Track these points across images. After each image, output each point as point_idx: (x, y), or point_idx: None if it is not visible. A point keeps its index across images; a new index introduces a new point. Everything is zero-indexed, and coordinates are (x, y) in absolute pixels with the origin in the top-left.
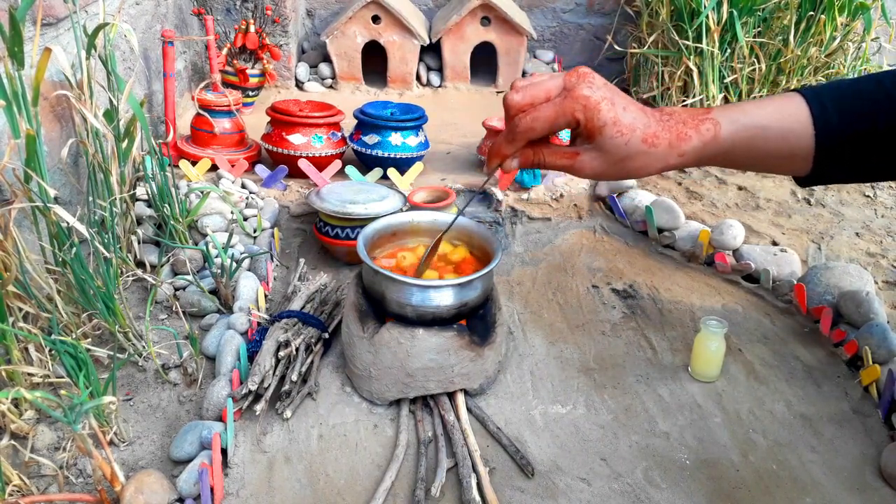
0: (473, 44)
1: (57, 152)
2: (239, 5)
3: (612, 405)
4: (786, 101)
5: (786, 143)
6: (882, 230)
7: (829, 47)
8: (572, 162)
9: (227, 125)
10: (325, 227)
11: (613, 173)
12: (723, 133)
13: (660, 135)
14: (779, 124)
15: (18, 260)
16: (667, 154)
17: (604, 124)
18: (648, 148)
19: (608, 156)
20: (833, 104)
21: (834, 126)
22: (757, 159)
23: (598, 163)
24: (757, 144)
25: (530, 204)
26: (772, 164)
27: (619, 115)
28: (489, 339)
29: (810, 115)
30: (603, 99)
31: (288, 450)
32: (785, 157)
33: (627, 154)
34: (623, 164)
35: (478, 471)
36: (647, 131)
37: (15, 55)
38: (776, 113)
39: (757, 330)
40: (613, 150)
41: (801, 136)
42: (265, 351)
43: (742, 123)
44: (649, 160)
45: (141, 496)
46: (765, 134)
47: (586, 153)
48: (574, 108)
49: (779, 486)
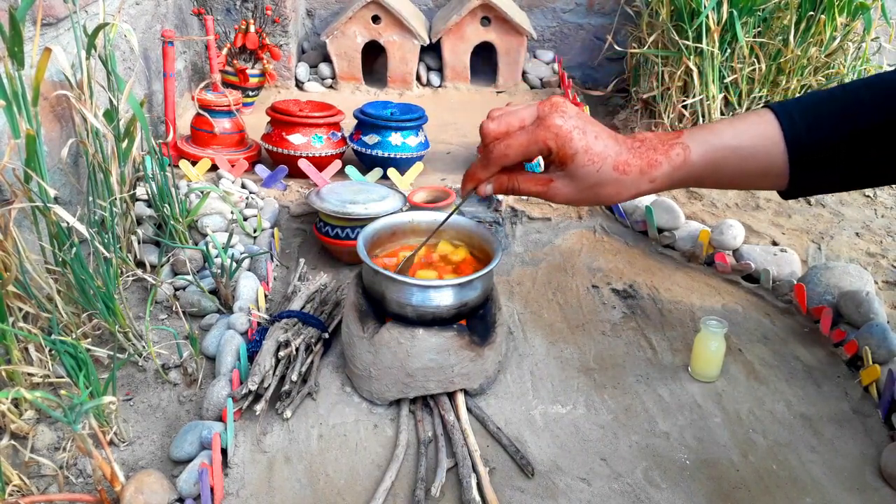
0: (473, 44)
1: (57, 152)
2: (239, 5)
3: (612, 405)
4: (756, 119)
5: (756, 161)
6: (882, 230)
7: (829, 47)
8: (545, 188)
9: (227, 125)
10: (325, 227)
11: (585, 199)
12: (692, 157)
13: (631, 162)
14: (749, 143)
15: (18, 260)
16: (638, 181)
17: (575, 152)
18: (620, 175)
19: (580, 183)
20: (802, 117)
21: (804, 139)
22: (730, 179)
23: (571, 189)
24: (728, 164)
25: (530, 204)
26: (747, 182)
27: (590, 143)
28: (489, 339)
29: (780, 131)
30: (574, 128)
31: (288, 450)
32: (759, 175)
33: (599, 181)
34: (595, 191)
35: (478, 471)
36: (619, 159)
37: (15, 55)
38: (746, 132)
39: (757, 330)
40: (585, 177)
41: (772, 152)
42: (265, 351)
43: (711, 144)
44: (620, 187)
45: (141, 496)
46: (735, 154)
47: (559, 180)
48: (546, 137)
49: (779, 486)
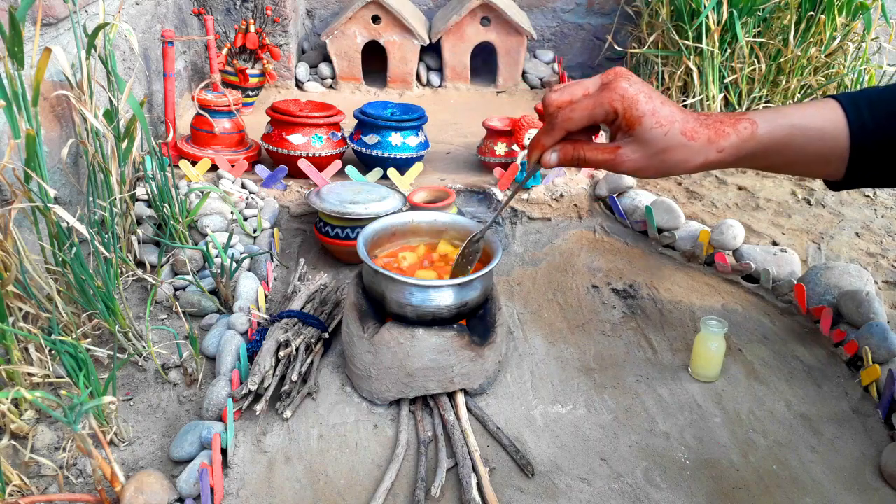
0: (473, 44)
1: (57, 152)
2: (239, 5)
3: (612, 405)
4: (821, 105)
5: (822, 143)
6: (882, 230)
7: (829, 47)
8: (613, 156)
9: (227, 125)
10: (325, 227)
11: (654, 167)
12: (760, 131)
13: (698, 129)
14: (815, 124)
15: (18, 260)
16: (706, 149)
17: (643, 114)
18: (688, 140)
19: (648, 147)
20: (868, 108)
21: (869, 129)
22: (793, 159)
23: (639, 155)
24: (794, 143)
25: (530, 204)
26: (807, 166)
27: (657, 107)
28: (489, 339)
29: (845, 118)
30: (640, 92)
31: (288, 450)
32: (821, 158)
33: (667, 145)
34: (663, 157)
35: (478, 471)
36: (686, 125)
37: (15, 55)
38: (812, 114)
39: (757, 330)
40: (653, 140)
41: (837, 137)
42: (265, 351)
43: (779, 123)
44: (689, 153)
45: (141, 496)
46: (802, 134)
47: (626, 146)
48: (612, 99)
49: (779, 486)
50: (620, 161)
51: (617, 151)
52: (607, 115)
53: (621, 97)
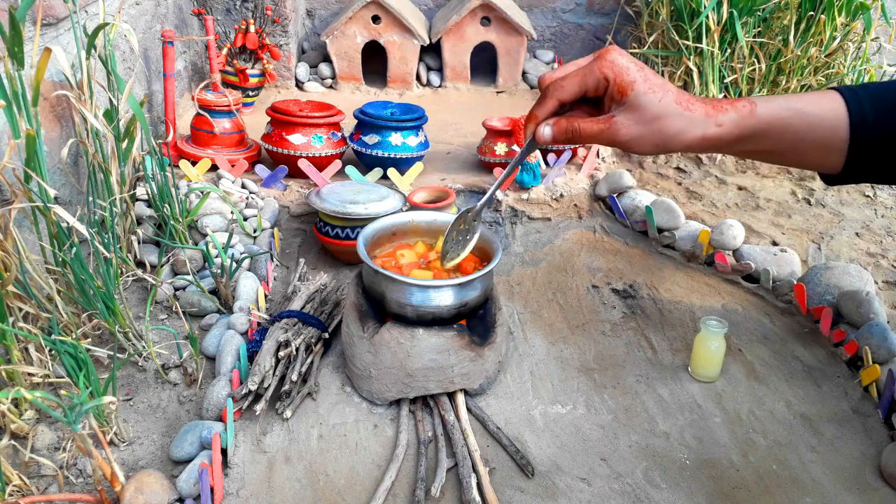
0: (473, 44)
1: (57, 152)
2: (239, 5)
3: (612, 405)
4: (823, 94)
5: (821, 130)
6: (882, 230)
7: (829, 47)
8: (607, 125)
9: (227, 125)
10: (325, 227)
11: (650, 137)
12: (759, 110)
13: (694, 102)
14: (815, 111)
15: (18, 260)
16: (704, 121)
17: (634, 80)
18: (683, 110)
19: (642, 113)
20: (869, 101)
21: (869, 121)
22: (792, 144)
23: (633, 124)
24: (793, 126)
25: (530, 204)
26: (806, 154)
27: (648, 75)
28: (489, 339)
29: (846, 108)
30: (631, 62)
31: (288, 450)
32: (820, 146)
33: (662, 112)
34: (659, 125)
35: (478, 471)
36: (681, 96)
37: (15, 55)
38: (813, 101)
39: (757, 330)
40: (647, 106)
41: (837, 126)
42: (265, 351)
43: (779, 104)
44: (686, 124)
45: (141, 496)
46: (801, 118)
47: (620, 115)
48: (602, 66)
49: (779, 486)
50: (615, 130)
51: (611, 120)
52: (598, 83)
53: (611, 64)
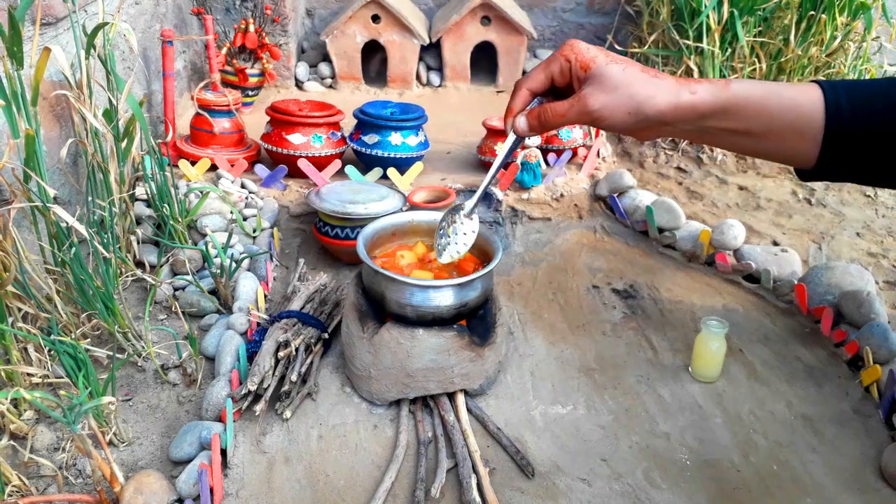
0: (473, 43)
1: (56, 152)
2: (238, 5)
3: (613, 406)
4: (801, 85)
5: (795, 114)
6: (883, 230)
7: (830, 47)
8: (577, 100)
9: (227, 125)
10: (324, 227)
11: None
12: (734, 85)
13: (661, 73)
14: (790, 95)
15: (18, 260)
16: (677, 88)
17: (595, 56)
18: (651, 77)
19: (609, 81)
20: (846, 95)
21: (845, 113)
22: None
23: (601, 93)
24: (769, 106)
25: (530, 204)
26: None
27: (611, 53)
28: (489, 340)
29: (823, 98)
30: (591, 45)
31: (287, 450)
32: (795, 132)
33: (627, 79)
34: (627, 91)
35: (478, 471)
36: (647, 69)
37: (14, 55)
38: (789, 87)
39: (758, 330)
40: (612, 75)
41: (812, 113)
42: (265, 351)
43: (753, 84)
44: (656, 89)
45: (140, 497)
46: (777, 99)
47: (587, 87)
48: (563, 51)
49: (779, 486)
50: (585, 102)
51: (580, 94)
52: (562, 66)
53: (571, 47)
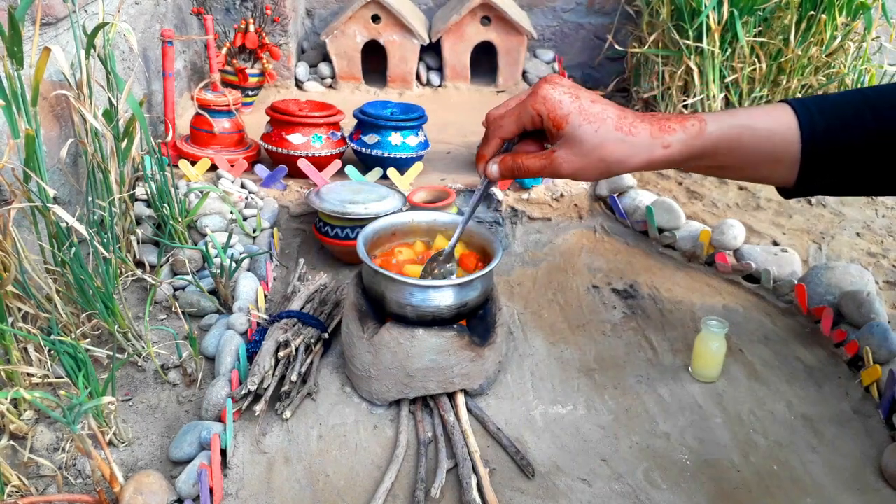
0: (473, 43)
1: (56, 152)
2: (238, 5)
3: (613, 406)
4: (773, 108)
5: (771, 144)
6: (883, 230)
7: (830, 47)
8: (549, 160)
9: (227, 125)
10: (324, 227)
11: (593, 167)
12: (708, 128)
13: (637, 125)
14: (765, 125)
15: (17, 260)
16: (650, 144)
17: (568, 113)
18: (626, 135)
19: (581, 146)
20: (819, 113)
21: (820, 133)
22: (743, 160)
23: (573, 156)
24: (743, 142)
25: (530, 204)
26: (758, 168)
27: (584, 105)
28: (489, 340)
29: (797, 120)
30: (566, 94)
31: (287, 450)
32: (771, 160)
33: (601, 142)
34: (600, 154)
35: (478, 472)
36: (621, 122)
37: (14, 55)
38: (763, 116)
39: (758, 330)
40: (584, 138)
41: (788, 139)
42: (264, 351)
43: (728, 122)
44: (629, 149)
45: (140, 497)
46: (751, 133)
47: (560, 149)
48: (535, 102)
49: (779, 486)
50: (557, 164)
51: (552, 156)
52: (533, 119)
53: (543, 99)
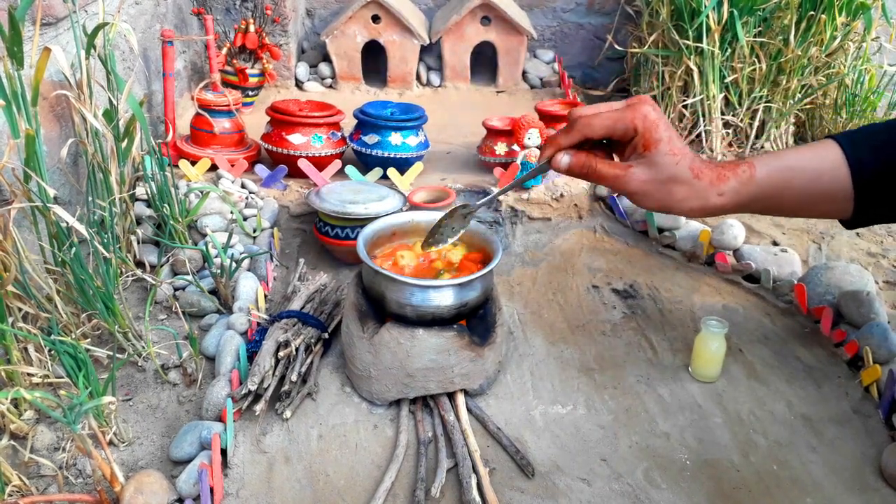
0: (473, 43)
1: (56, 152)
2: (238, 5)
3: (613, 405)
4: (820, 146)
5: (821, 183)
6: (883, 230)
7: (830, 47)
8: (624, 172)
9: (227, 125)
10: (324, 227)
11: (658, 194)
12: (758, 174)
13: (703, 170)
14: (812, 164)
15: (18, 260)
16: (707, 191)
17: (660, 139)
18: (693, 178)
19: (658, 172)
20: (866, 144)
21: (869, 166)
22: (797, 200)
23: (647, 178)
24: (793, 185)
25: (530, 204)
26: (813, 206)
27: (673, 136)
28: (489, 340)
29: (843, 156)
30: (660, 119)
31: (288, 450)
32: (825, 199)
33: (675, 175)
34: (669, 188)
35: (478, 471)
36: (694, 163)
37: (14, 55)
38: (810, 156)
39: (757, 330)
40: (664, 167)
41: (838, 176)
42: (265, 351)
43: (776, 166)
44: (692, 192)
45: (140, 496)
46: (800, 175)
47: (638, 166)
48: (635, 117)
49: (779, 486)
50: (629, 178)
51: (628, 170)
52: (627, 131)
53: (644, 117)
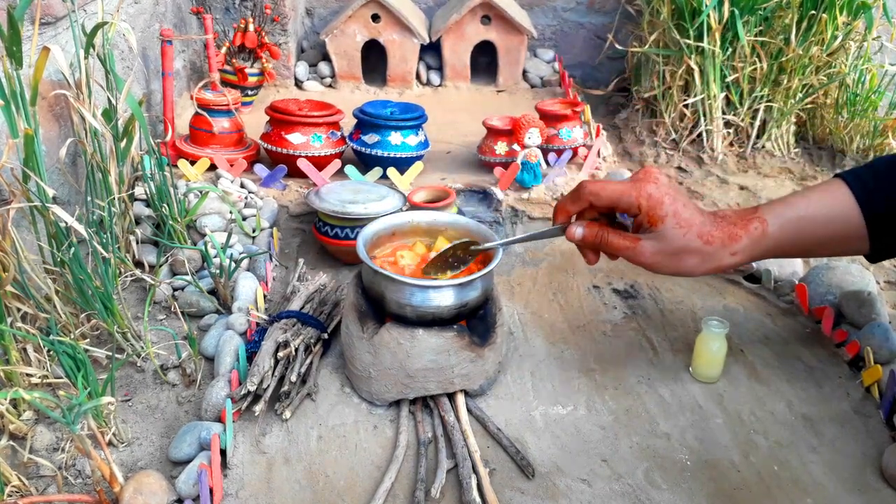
0: (474, 43)
1: (55, 152)
2: (238, 4)
3: (613, 406)
4: (828, 187)
5: (833, 227)
6: None
7: (831, 46)
8: (634, 245)
9: (226, 124)
10: (324, 227)
11: (668, 265)
12: (770, 229)
13: (714, 233)
14: (822, 211)
15: (16, 260)
16: (720, 253)
17: (666, 215)
18: (704, 245)
19: (667, 245)
20: (875, 182)
21: (880, 203)
22: (812, 246)
23: (657, 251)
24: (806, 233)
25: (531, 204)
26: (831, 249)
27: (679, 209)
28: (489, 340)
29: (853, 197)
30: (666, 194)
31: (287, 451)
32: (840, 241)
33: (685, 246)
34: (679, 258)
35: (478, 472)
36: (703, 228)
37: (13, 54)
38: (820, 201)
39: (758, 330)
40: (672, 240)
41: (849, 218)
42: (264, 351)
43: (786, 217)
44: (704, 257)
45: (140, 497)
46: (811, 223)
47: (647, 241)
48: (639, 195)
49: (780, 486)
50: (640, 252)
51: (638, 243)
52: (631, 207)
53: (648, 196)
